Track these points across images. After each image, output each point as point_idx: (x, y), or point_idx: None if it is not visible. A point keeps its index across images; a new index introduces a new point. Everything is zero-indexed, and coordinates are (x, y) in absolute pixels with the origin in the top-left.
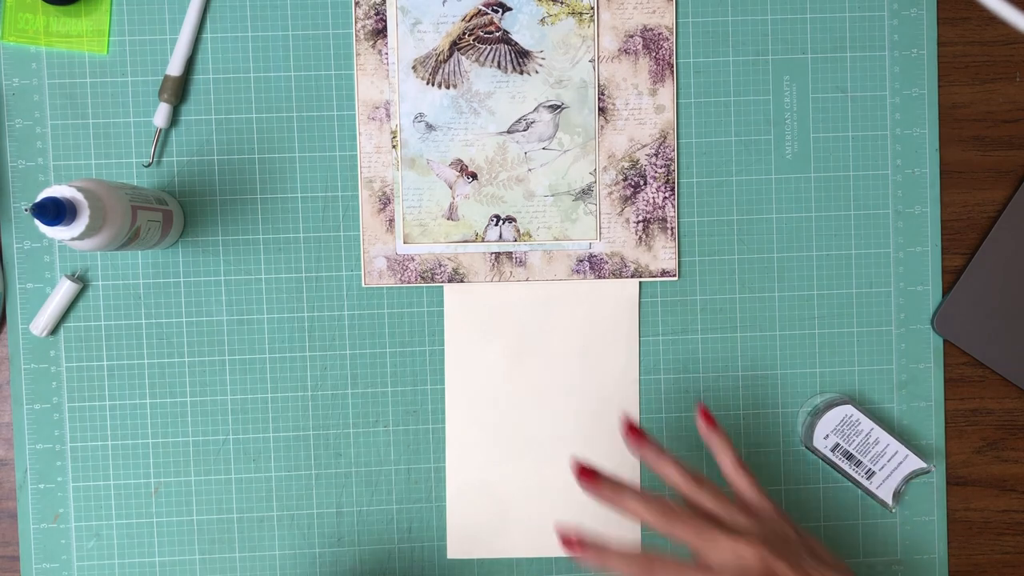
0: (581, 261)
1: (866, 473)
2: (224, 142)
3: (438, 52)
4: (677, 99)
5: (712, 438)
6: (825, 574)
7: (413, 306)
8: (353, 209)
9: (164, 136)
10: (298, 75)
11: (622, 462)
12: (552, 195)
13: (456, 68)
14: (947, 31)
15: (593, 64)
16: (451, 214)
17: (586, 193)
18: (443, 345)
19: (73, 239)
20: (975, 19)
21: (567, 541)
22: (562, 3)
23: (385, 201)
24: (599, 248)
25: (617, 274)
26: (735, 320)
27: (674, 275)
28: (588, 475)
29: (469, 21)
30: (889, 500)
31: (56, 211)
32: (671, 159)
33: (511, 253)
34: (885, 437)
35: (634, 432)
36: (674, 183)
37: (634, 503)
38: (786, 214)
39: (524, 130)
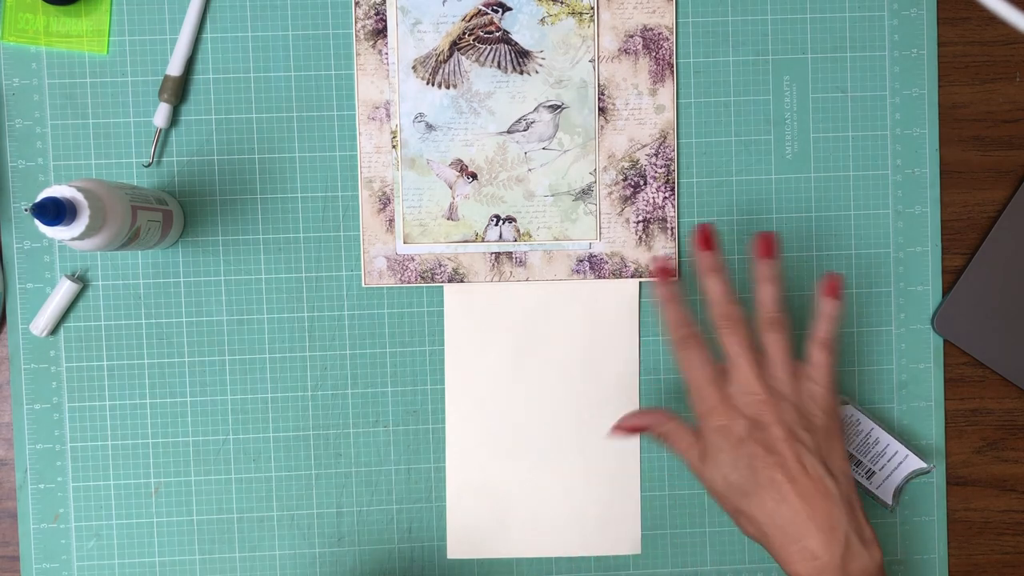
0: (581, 261)
1: (866, 473)
2: (224, 142)
3: (438, 52)
4: (677, 99)
5: (825, 305)
6: (810, 464)
7: (413, 306)
8: (353, 209)
9: (164, 136)
10: (298, 75)
11: (622, 461)
12: (552, 195)
13: (456, 68)
14: (947, 31)
15: (593, 64)
16: (451, 214)
17: (586, 193)
18: (443, 345)
19: (73, 239)
20: (975, 19)
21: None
22: (562, 3)
23: (385, 201)
24: (599, 248)
25: (617, 274)
26: None
27: (674, 275)
28: (705, 238)
29: (469, 21)
30: (889, 500)
31: (56, 211)
32: (671, 159)
33: (511, 253)
34: (885, 437)
35: (768, 243)
36: (674, 183)
37: (715, 284)
38: (786, 214)
39: (524, 130)
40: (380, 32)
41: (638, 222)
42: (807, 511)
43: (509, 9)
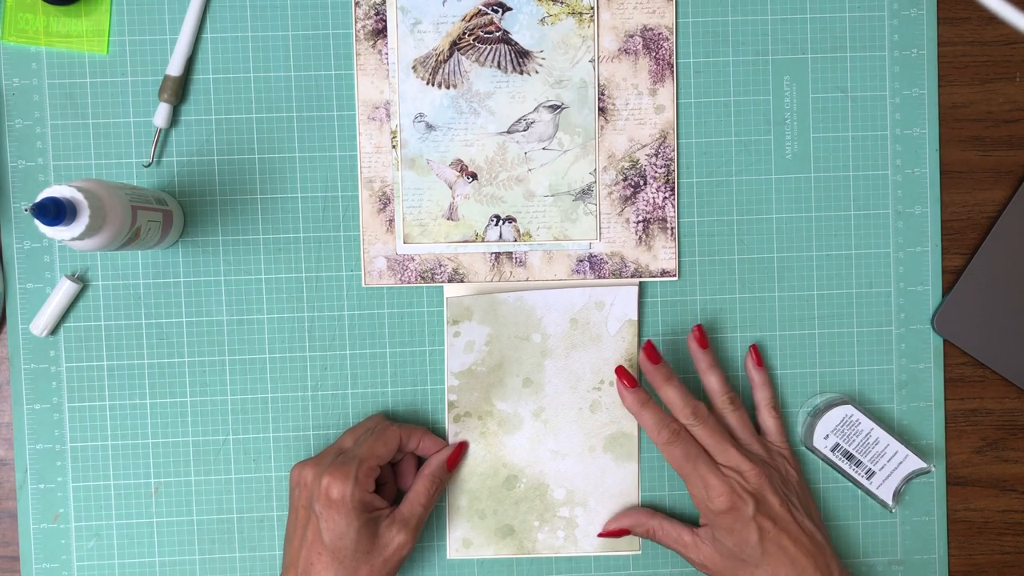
0: (581, 261)
1: (866, 473)
2: (224, 142)
3: (438, 52)
4: (677, 99)
5: (756, 374)
6: (803, 521)
7: (413, 306)
8: (353, 209)
9: (164, 136)
10: (298, 75)
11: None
12: (552, 195)
13: (456, 68)
14: (947, 31)
15: (593, 64)
16: (451, 214)
17: (586, 193)
18: (443, 345)
19: (73, 239)
20: (975, 19)
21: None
22: (562, 3)
23: (385, 201)
24: (599, 248)
25: (617, 274)
26: (735, 320)
27: (674, 275)
28: (652, 354)
29: (469, 21)
30: (889, 500)
31: (56, 211)
32: (671, 159)
33: (511, 253)
34: (885, 437)
35: (703, 334)
36: (674, 183)
37: (674, 392)
38: (786, 214)
39: (524, 130)
40: (380, 32)
41: (638, 222)
42: (812, 565)
43: (509, 9)
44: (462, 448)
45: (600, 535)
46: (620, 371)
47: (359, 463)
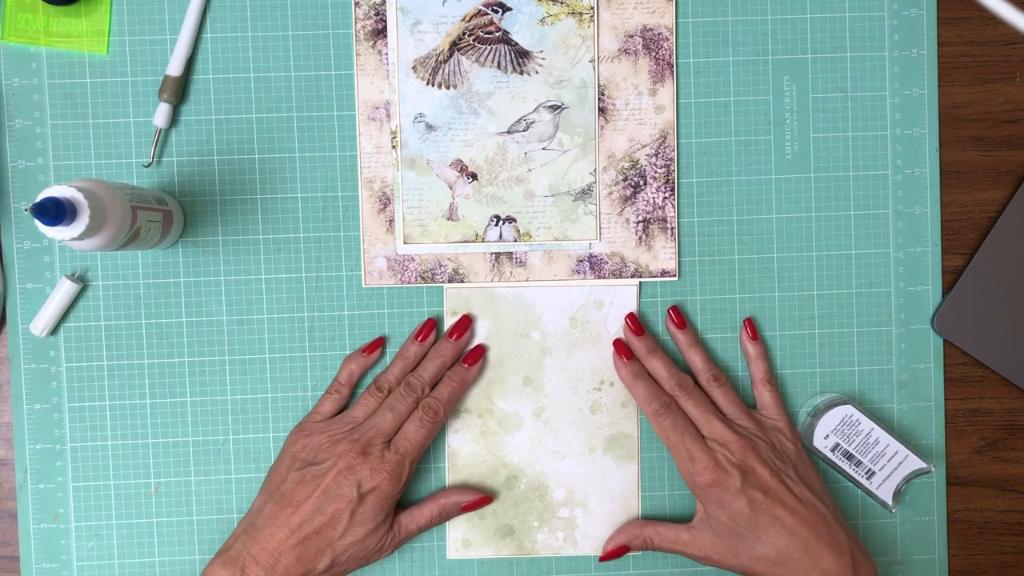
0: (581, 261)
1: (866, 473)
2: (224, 142)
3: (438, 52)
4: (677, 99)
5: (751, 347)
6: (800, 492)
7: (413, 306)
8: (353, 209)
9: (164, 136)
10: (298, 75)
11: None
12: (552, 195)
13: (456, 68)
14: (947, 31)
15: (593, 64)
16: (451, 214)
17: (586, 193)
18: None
19: (73, 239)
20: (975, 19)
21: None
22: (562, 3)
23: (385, 201)
24: (599, 248)
25: (617, 274)
26: (735, 320)
27: (674, 275)
28: (635, 326)
29: (469, 21)
30: (889, 500)
31: (56, 211)
32: (671, 159)
33: (511, 253)
34: (885, 437)
35: (679, 315)
36: (674, 183)
37: (659, 363)
38: (786, 214)
39: (524, 130)
40: (380, 32)
41: (638, 222)
42: (814, 536)
43: (509, 9)
44: (483, 502)
45: (601, 559)
46: (617, 343)
47: (410, 464)
